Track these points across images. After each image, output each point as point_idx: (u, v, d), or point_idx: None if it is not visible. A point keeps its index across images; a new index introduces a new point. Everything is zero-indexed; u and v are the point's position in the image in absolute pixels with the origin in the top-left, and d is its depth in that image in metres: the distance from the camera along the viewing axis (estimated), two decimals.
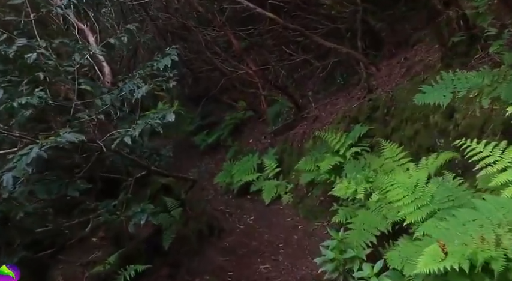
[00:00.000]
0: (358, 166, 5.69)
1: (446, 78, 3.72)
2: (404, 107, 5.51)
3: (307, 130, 8.08)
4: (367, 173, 5.01)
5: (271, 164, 8.27)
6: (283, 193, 7.84)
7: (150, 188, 4.95)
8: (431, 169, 4.24)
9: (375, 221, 4.32)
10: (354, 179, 5.08)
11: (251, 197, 8.52)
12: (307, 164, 6.88)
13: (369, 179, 4.98)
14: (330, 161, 6.16)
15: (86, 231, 3.96)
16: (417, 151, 5.06)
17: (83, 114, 3.85)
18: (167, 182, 5.19)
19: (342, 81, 8.48)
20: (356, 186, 4.91)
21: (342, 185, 5.02)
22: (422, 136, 4.97)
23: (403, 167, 4.88)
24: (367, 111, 6.28)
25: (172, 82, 5.43)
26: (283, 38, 9.72)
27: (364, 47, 7.84)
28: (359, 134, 6.18)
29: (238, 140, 11.08)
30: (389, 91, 6.03)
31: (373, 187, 4.87)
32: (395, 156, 5.06)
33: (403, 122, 5.52)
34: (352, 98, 7.50)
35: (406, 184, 4.20)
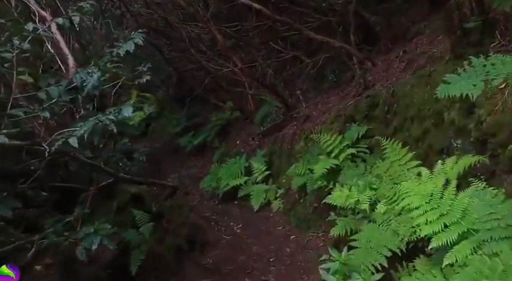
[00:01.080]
0: (358, 171, 4.84)
1: (476, 64, 2.87)
2: (409, 104, 4.68)
3: (298, 130, 7.20)
4: (370, 179, 4.15)
5: (259, 167, 7.38)
6: (273, 198, 6.95)
7: (118, 199, 4.01)
8: (451, 176, 3.40)
9: (384, 238, 3.46)
10: (355, 186, 4.21)
11: (239, 202, 7.62)
12: (299, 168, 6.01)
13: (373, 186, 4.12)
14: (324, 164, 5.29)
15: (28, 257, 3.00)
16: (426, 153, 4.22)
17: (17, 111, 2.92)
18: (138, 191, 4.27)
19: (334, 78, 7.63)
20: (358, 194, 4.04)
21: (341, 193, 4.15)
22: (433, 136, 4.13)
23: (411, 172, 4.04)
24: (364, 109, 5.43)
25: (146, 76, 4.52)
26: (271, 34, 8.85)
27: (357, 42, 7.00)
28: (357, 134, 5.33)
29: (225, 141, 10.16)
30: (389, 86, 5.19)
31: (378, 196, 4.02)
32: (401, 159, 4.22)
33: (407, 121, 4.68)
34: (346, 96, 6.66)
35: (422, 192, 3.36)
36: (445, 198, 3.16)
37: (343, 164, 5.27)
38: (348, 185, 4.27)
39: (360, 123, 5.47)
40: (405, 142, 4.65)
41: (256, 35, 9.46)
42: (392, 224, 3.57)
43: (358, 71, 6.89)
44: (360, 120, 5.49)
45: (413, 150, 4.36)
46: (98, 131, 2.81)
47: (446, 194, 3.17)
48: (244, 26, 9.23)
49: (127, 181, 4.45)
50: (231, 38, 9.16)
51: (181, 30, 8.96)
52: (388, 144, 4.39)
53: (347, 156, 5.31)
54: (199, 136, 10.82)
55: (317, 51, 8.33)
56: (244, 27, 9.25)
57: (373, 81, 6.05)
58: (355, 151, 5.28)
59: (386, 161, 4.21)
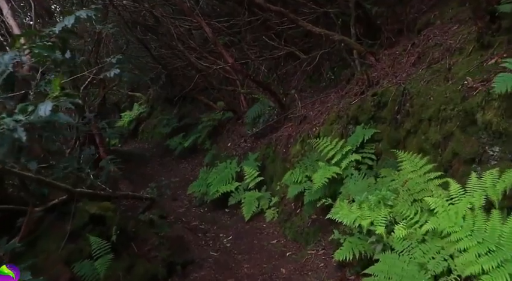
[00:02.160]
0: (366, 182, 3.96)
1: None
2: (425, 102, 3.81)
3: (294, 132, 6.33)
4: (384, 193, 3.27)
5: (251, 172, 6.50)
6: (267, 207, 6.08)
7: (74, 221, 3.12)
8: (493, 194, 2.54)
9: (409, 274, 2.59)
10: (366, 201, 3.34)
11: (230, 210, 6.74)
12: (295, 175, 5.14)
13: (388, 203, 3.25)
14: (324, 173, 4.43)
15: None
16: (450, 163, 3.36)
17: None
18: (100, 210, 3.37)
19: (332, 76, 6.76)
20: (370, 213, 3.17)
21: (348, 211, 3.27)
22: (458, 142, 3.27)
23: (433, 185, 3.18)
24: (370, 109, 4.56)
25: (114, 70, 3.60)
26: (264, 30, 7.98)
27: (358, 36, 6.14)
28: (362, 138, 4.46)
29: (216, 143, 9.28)
30: (399, 83, 4.33)
31: (395, 215, 3.15)
32: (419, 169, 3.36)
33: (423, 122, 3.82)
34: (346, 94, 5.79)
35: (452, 213, 2.53)
36: (491, 226, 2.30)
37: (347, 172, 4.41)
38: (357, 200, 3.39)
39: (365, 125, 4.60)
40: (421, 147, 3.80)
41: (248, 31, 8.57)
42: (417, 253, 2.71)
43: (360, 67, 6.06)
44: (365, 122, 4.62)
45: (432, 158, 3.51)
46: (6, 139, 1.89)
47: (492, 221, 2.30)
48: (237, 21, 8.35)
49: (89, 197, 3.55)
50: (222, 34, 8.27)
51: (169, 25, 8.04)
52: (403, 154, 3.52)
53: (350, 163, 4.45)
54: (190, 138, 9.92)
55: (313, 48, 7.47)
56: (237, 23, 8.37)
57: (377, 77, 5.19)
58: (359, 157, 4.41)
59: (405, 172, 3.33)
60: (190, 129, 10.45)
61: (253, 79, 7.16)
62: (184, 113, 11.26)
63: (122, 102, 13.81)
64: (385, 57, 5.50)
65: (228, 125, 9.23)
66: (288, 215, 5.54)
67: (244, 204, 6.24)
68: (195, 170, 9.36)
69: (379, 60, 5.52)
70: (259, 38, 8.50)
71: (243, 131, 8.19)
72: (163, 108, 12.06)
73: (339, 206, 3.75)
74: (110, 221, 3.40)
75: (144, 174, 9.90)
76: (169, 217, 6.76)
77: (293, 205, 5.51)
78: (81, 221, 3.19)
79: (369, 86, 5.15)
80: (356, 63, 6.13)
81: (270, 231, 5.67)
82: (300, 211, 5.35)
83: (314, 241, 4.80)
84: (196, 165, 9.67)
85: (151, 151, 11.64)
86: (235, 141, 8.33)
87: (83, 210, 3.26)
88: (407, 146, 4.05)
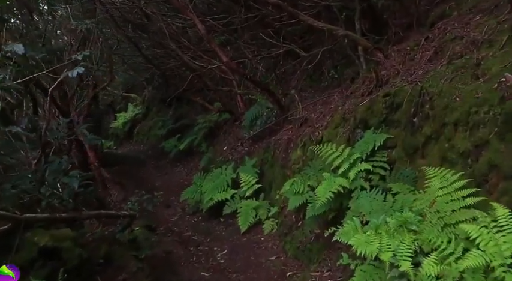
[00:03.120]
0: (379, 197, 3.29)
1: None
2: (449, 104, 3.15)
3: (294, 136, 5.66)
4: (407, 214, 2.60)
5: (248, 179, 5.83)
6: (265, 217, 5.42)
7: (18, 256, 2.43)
8: None
9: None
10: (383, 225, 2.67)
11: (225, 220, 6.07)
12: (297, 185, 4.46)
13: (411, 227, 2.58)
14: (329, 185, 3.76)
15: None
16: (485, 177, 2.69)
17: None
18: (54, 241, 2.66)
19: (335, 75, 6.08)
20: (391, 241, 2.49)
21: (365, 239, 2.59)
22: (496, 152, 2.60)
23: (465, 204, 2.52)
24: (382, 112, 3.89)
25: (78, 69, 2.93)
26: (262, 28, 7.29)
27: (363, 31, 5.46)
28: (373, 144, 3.79)
29: (213, 145, 8.60)
30: (416, 81, 3.66)
31: (422, 243, 2.48)
32: (449, 185, 2.69)
33: (447, 127, 3.15)
34: (352, 95, 5.12)
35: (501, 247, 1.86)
36: None
37: (355, 184, 3.73)
38: (372, 223, 2.71)
39: (376, 129, 3.93)
40: (444, 156, 3.14)
41: (245, 29, 7.88)
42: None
43: (365, 65, 5.39)
44: (376, 126, 3.95)
45: (459, 170, 2.84)
46: None
47: None
48: (233, 19, 7.68)
49: (44, 223, 2.84)
50: (218, 31, 7.59)
51: (161, 23, 7.35)
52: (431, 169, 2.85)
53: (359, 173, 3.77)
54: (185, 140, 9.26)
55: (314, 45, 6.78)
56: (233, 20, 7.69)
57: (386, 76, 4.51)
58: (370, 166, 3.73)
59: (433, 189, 2.66)
60: (186, 131, 9.79)
61: (250, 79, 6.49)
62: (180, 115, 10.59)
63: (117, 103, 13.13)
64: (395, 54, 4.82)
65: (225, 127, 8.56)
66: (288, 228, 4.88)
67: (241, 214, 5.57)
68: (190, 173, 8.69)
69: (388, 57, 4.85)
70: (257, 36, 7.82)
71: (240, 134, 7.52)
72: (159, 109, 11.38)
73: (349, 226, 3.08)
74: (67, 254, 2.72)
75: (138, 178, 9.24)
76: (159, 227, 6.11)
77: (294, 217, 4.84)
78: (27, 256, 2.51)
79: (378, 86, 4.48)
80: (361, 61, 5.46)
81: (269, 245, 5.01)
82: (301, 223, 4.68)
83: (318, 260, 4.14)
84: (192, 168, 9.01)
85: (146, 154, 10.97)
86: (231, 144, 7.65)
87: (31, 242, 2.57)
88: (427, 155, 3.38)
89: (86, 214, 3.29)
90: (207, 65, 7.20)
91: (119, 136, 12.41)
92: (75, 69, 2.80)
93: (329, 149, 4.07)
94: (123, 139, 12.50)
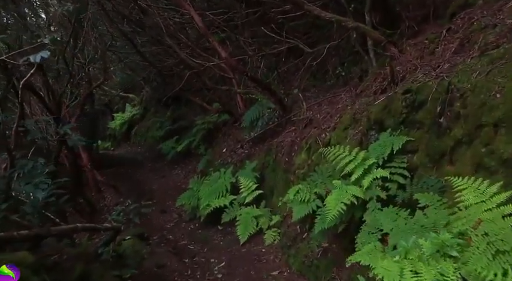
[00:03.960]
0: (402, 213, 2.73)
1: None
2: (486, 101, 2.60)
3: (298, 138, 5.10)
4: (445, 237, 2.03)
5: (248, 185, 5.27)
6: (266, 227, 4.86)
7: None
8: None
9: None
10: (414, 248, 2.10)
11: (223, 228, 5.51)
12: (302, 193, 3.90)
13: (451, 252, 2.01)
14: (340, 195, 3.20)
15: None
16: None
17: None
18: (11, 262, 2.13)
19: (342, 72, 5.52)
20: (426, 269, 1.93)
21: (394, 268, 2.02)
22: None
23: None
24: (401, 111, 3.32)
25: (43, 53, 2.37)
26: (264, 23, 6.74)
27: (374, 25, 4.91)
28: (390, 148, 3.23)
29: (211, 147, 8.05)
30: (442, 76, 3.10)
31: (468, 274, 1.91)
32: (489, 199, 2.13)
33: (483, 128, 2.60)
34: (362, 93, 4.56)
35: None
36: None
37: (370, 193, 3.17)
38: (401, 246, 2.14)
39: (394, 131, 3.37)
40: (480, 163, 2.59)
41: (246, 25, 7.33)
42: None
43: (375, 61, 4.84)
44: (394, 127, 3.38)
45: (500, 179, 2.28)
46: None
47: None
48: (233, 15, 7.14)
49: None
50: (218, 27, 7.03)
51: (157, 18, 6.80)
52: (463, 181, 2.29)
53: (375, 181, 3.21)
54: (183, 142, 8.72)
55: (318, 42, 6.22)
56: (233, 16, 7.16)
57: (402, 72, 3.96)
58: (387, 174, 3.17)
59: (480, 206, 2.09)
60: (184, 132, 9.24)
61: (251, 77, 5.93)
62: (178, 115, 10.04)
63: (114, 103, 12.57)
64: (410, 48, 4.26)
65: (224, 128, 8.01)
66: (292, 239, 4.31)
67: (240, 223, 5.01)
68: (188, 176, 8.13)
69: (402, 51, 4.29)
70: (258, 33, 7.28)
71: (240, 136, 6.97)
72: (157, 110, 10.83)
73: (369, 247, 2.53)
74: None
75: (134, 181, 8.70)
76: (153, 235, 5.55)
77: (298, 228, 4.28)
78: None
79: (393, 82, 3.92)
80: (371, 57, 4.91)
81: (270, 258, 4.44)
82: (307, 235, 4.12)
83: (326, 278, 3.58)
84: (190, 171, 8.45)
85: (143, 155, 10.42)
86: (231, 146, 7.10)
87: None
88: (456, 161, 2.83)
89: (56, 229, 2.74)
90: (206, 63, 6.65)
91: (116, 137, 11.85)
92: (40, 53, 2.26)
93: (340, 153, 3.51)
94: (121, 140, 11.95)
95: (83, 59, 7.18)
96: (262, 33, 7.46)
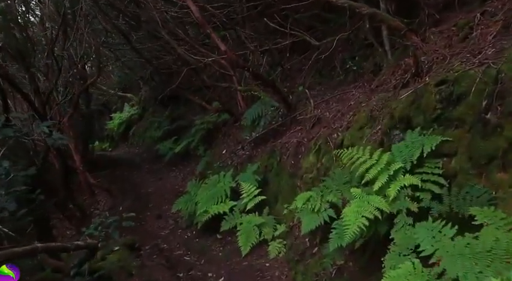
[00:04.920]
0: (447, 232, 2.09)
1: None
2: None
3: (305, 139, 4.48)
4: None
5: (250, 190, 4.64)
6: (270, 237, 4.22)
7: None
8: None
9: None
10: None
11: (222, 237, 4.88)
12: (313, 201, 3.27)
13: None
14: (362, 207, 2.58)
15: None
16: None
17: None
18: None
19: (353, 66, 4.88)
20: None
21: None
22: None
23: None
24: (434, 106, 2.70)
25: None
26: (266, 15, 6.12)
27: (390, 13, 4.28)
28: (420, 149, 2.60)
29: (210, 149, 7.42)
30: (487, 62, 2.48)
31: None
32: None
33: None
34: (378, 88, 3.95)
35: None
36: None
37: (398, 205, 2.54)
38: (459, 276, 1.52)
39: (425, 129, 2.74)
40: None
41: (247, 19, 6.71)
42: None
43: (391, 54, 4.22)
44: (425, 125, 2.76)
45: None
46: None
47: None
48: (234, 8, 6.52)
49: None
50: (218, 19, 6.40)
51: (153, 11, 6.16)
52: None
53: (403, 190, 2.58)
54: (182, 142, 8.08)
55: (324, 36, 5.59)
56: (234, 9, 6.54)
57: (428, 63, 3.33)
58: (418, 181, 2.54)
59: None
60: (183, 132, 8.61)
61: (252, 72, 5.31)
62: (177, 115, 9.40)
63: (113, 103, 11.94)
64: (434, 37, 3.64)
65: (224, 128, 7.38)
66: (300, 253, 3.68)
67: (241, 232, 4.38)
68: (186, 179, 7.49)
69: (425, 40, 3.66)
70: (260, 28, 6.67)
71: (241, 136, 6.34)
72: (155, 109, 10.20)
73: (405, 269, 1.91)
74: None
75: (130, 183, 8.07)
76: (145, 244, 4.92)
77: (308, 241, 3.65)
78: None
79: (417, 75, 3.30)
80: (386, 49, 4.29)
81: (275, 273, 3.81)
82: (317, 250, 3.49)
83: None
84: (188, 173, 7.82)
85: (141, 156, 9.78)
86: (231, 147, 6.47)
87: None
88: (510, 167, 2.20)
89: (9, 252, 2.11)
90: (204, 59, 6.03)
91: (114, 138, 11.23)
92: None
93: (359, 156, 2.88)
94: (119, 140, 11.32)
95: (75, 55, 6.56)
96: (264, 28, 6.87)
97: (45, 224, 4.37)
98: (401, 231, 2.44)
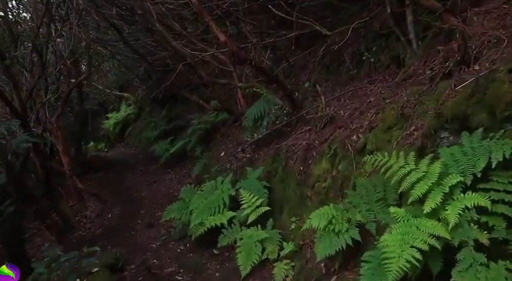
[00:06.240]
0: None
1: None
2: None
3: (315, 141, 3.67)
4: None
5: (251, 200, 3.81)
6: (275, 256, 3.40)
7: None
8: None
9: None
10: None
11: (220, 252, 4.06)
12: (336, 221, 2.47)
13: None
14: (409, 235, 1.78)
15: None
16: None
17: None
18: None
19: (371, 58, 4.07)
20: None
21: None
22: None
23: None
24: (506, 101, 1.89)
25: None
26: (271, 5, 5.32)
27: None
28: (486, 158, 1.81)
29: (208, 150, 6.60)
30: None
31: None
32: None
33: None
34: (405, 81, 3.15)
35: None
36: None
37: (461, 235, 1.75)
38: None
39: (491, 131, 1.94)
40: None
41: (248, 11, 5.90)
42: None
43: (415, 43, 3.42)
44: (491, 126, 1.97)
45: None
46: None
47: None
48: None
49: None
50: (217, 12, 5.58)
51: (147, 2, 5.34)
52: None
53: (464, 212, 1.78)
54: (178, 143, 7.26)
55: (334, 26, 4.79)
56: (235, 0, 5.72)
57: (476, 48, 2.54)
58: (486, 202, 1.74)
59: None
60: (179, 133, 7.79)
61: (255, 65, 4.49)
62: (174, 115, 8.57)
63: (109, 102, 11.09)
64: (478, 18, 2.84)
65: (223, 128, 6.56)
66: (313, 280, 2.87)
67: (242, 249, 3.56)
68: (182, 182, 6.69)
69: (467, 21, 2.87)
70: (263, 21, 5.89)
71: (241, 137, 5.52)
72: (152, 109, 9.37)
73: None
74: None
75: (123, 187, 7.23)
76: (133, 261, 4.10)
77: (323, 266, 2.83)
78: None
79: (463, 62, 2.50)
80: (411, 38, 3.48)
81: None
82: (336, 279, 2.67)
83: None
84: (185, 176, 7.00)
85: (136, 157, 8.93)
86: (230, 149, 5.66)
87: None
88: None
89: None
90: (202, 53, 5.22)
91: (110, 138, 10.38)
92: None
93: (401, 165, 2.08)
94: (115, 141, 10.48)
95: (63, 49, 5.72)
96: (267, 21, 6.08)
97: (17, 240, 3.54)
98: (469, 272, 1.65)
